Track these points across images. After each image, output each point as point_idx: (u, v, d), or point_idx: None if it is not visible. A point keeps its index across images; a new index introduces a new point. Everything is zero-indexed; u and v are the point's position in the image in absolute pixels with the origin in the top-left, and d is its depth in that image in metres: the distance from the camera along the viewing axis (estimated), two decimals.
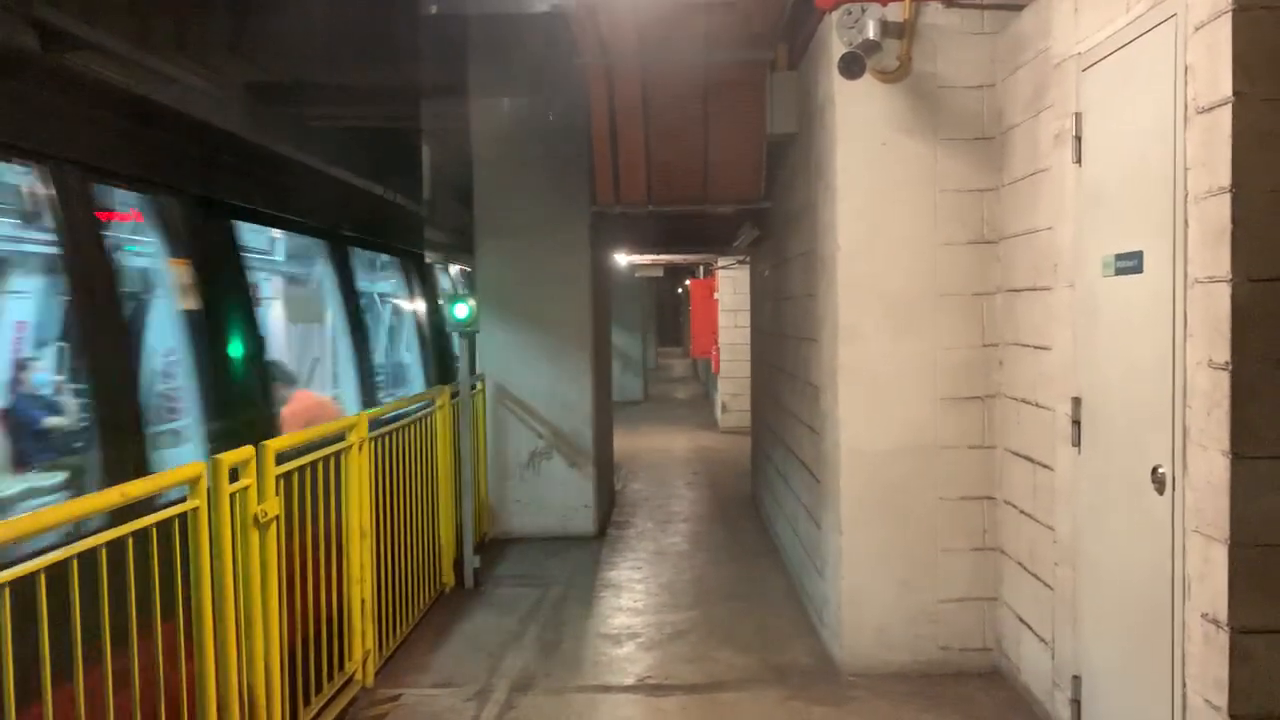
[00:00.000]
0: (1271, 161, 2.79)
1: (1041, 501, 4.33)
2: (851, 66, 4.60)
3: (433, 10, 7.62)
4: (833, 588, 5.12)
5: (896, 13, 4.73)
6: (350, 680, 4.65)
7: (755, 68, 6.43)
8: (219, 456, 3.32)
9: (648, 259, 14.84)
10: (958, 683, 4.80)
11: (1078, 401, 3.91)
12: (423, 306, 9.06)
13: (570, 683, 4.98)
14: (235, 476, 3.41)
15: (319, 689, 4.29)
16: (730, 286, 15.05)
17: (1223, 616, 2.85)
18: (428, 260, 9.40)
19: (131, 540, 2.87)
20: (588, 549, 7.68)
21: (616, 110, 6.86)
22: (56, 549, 2.60)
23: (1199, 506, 2.97)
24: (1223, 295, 2.83)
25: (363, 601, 4.77)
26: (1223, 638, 2.85)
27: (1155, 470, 3.22)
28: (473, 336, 6.88)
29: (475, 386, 7.42)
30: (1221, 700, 2.85)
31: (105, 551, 2.75)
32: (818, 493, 5.59)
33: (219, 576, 3.27)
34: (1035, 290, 4.39)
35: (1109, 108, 3.65)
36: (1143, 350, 3.33)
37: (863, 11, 4.65)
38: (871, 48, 4.63)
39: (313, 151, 7.77)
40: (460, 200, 8.17)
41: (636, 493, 10.21)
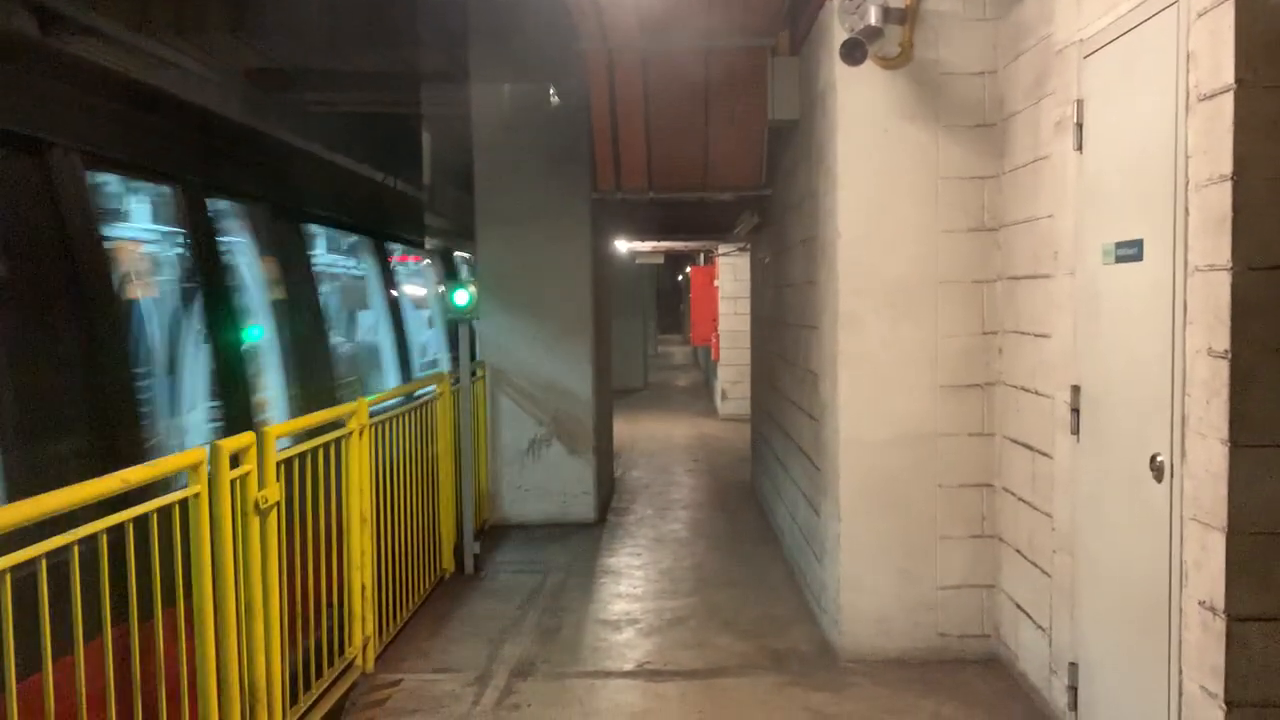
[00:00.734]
0: (1273, 150, 2.78)
1: (1040, 489, 4.33)
2: (853, 53, 4.58)
3: None
4: (831, 574, 5.13)
5: None
6: (350, 665, 4.67)
7: (756, 54, 6.40)
8: (219, 443, 3.32)
9: (648, 246, 14.82)
10: (956, 669, 4.82)
11: (1077, 389, 3.91)
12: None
13: (570, 668, 5.00)
14: (236, 463, 3.42)
15: (319, 674, 4.31)
16: (730, 274, 15.04)
17: (1220, 604, 2.85)
18: (456, 254, 10.18)
19: (132, 526, 2.88)
20: (588, 535, 7.69)
21: (617, 96, 6.84)
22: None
23: (1197, 495, 2.98)
24: (1223, 283, 2.83)
25: (363, 587, 4.78)
26: (1219, 625, 2.86)
27: (1154, 458, 3.22)
28: (473, 323, 6.88)
29: (476, 373, 7.42)
30: (1217, 687, 2.86)
31: (105, 538, 2.76)
32: (817, 480, 5.60)
33: (220, 563, 3.28)
34: (1035, 278, 4.38)
35: (1111, 95, 3.64)
36: (1142, 338, 3.33)
37: None
38: (873, 34, 4.60)
39: (360, 158, 8.78)
40: (467, 189, 8.19)
41: (636, 479, 10.23)
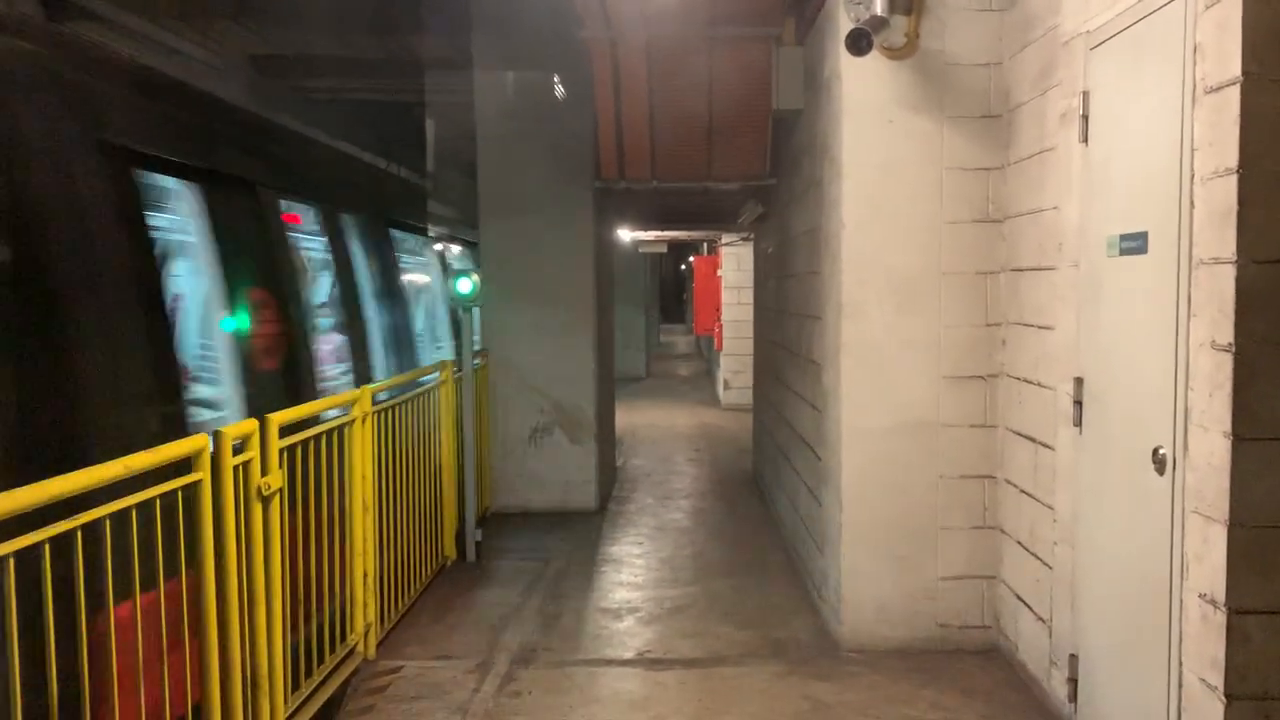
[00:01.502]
0: (1279, 143, 2.77)
1: (1042, 481, 4.33)
2: (859, 43, 4.57)
3: None
4: (832, 564, 5.14)
5: None
6: (352, 652, 4.69)
7: (761, 43, 6.38)
8: (222, 429, 3.32)
9: (651, 235, 14.80)
10: (956, 660, 4.83)
11: (1080, 382, 3.91)
12: None
13: (570, 656, 5.01)
14: (239, 449, 3.43)
15: (321, 661, 4.32)
16: (734, 263, 15.02)
17: (1220, 597, 2.86)
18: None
19: (135, 512, 2.88)
20: (589, 524, 7.71)
21: (621, 85, 6.82)
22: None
23: (1199, 487, 2.98)
24: (1227, 277, 2.83)
25: (365, 574, 4.80)
26: (1220, 618, 2.86)
27: (1156, 451, 3.22)
28: (475, 311, 6.88)
29: (478, 361, 7.43)
30: (1217, 680, 2.87)
31: (109, 523, 2.76)
32: (819, 470, 5.61)
33: (222, 549, 3.29)
34: (1039, 270, 4.38)
35: (1117, 87, 3.62)
36: (1146, 331, 3.33)
37: None
38: (879, 24, 4.59)
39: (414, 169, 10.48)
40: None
41: (638, 468, 10.24)
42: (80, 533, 2.63)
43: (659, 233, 14.45)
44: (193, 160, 4.63)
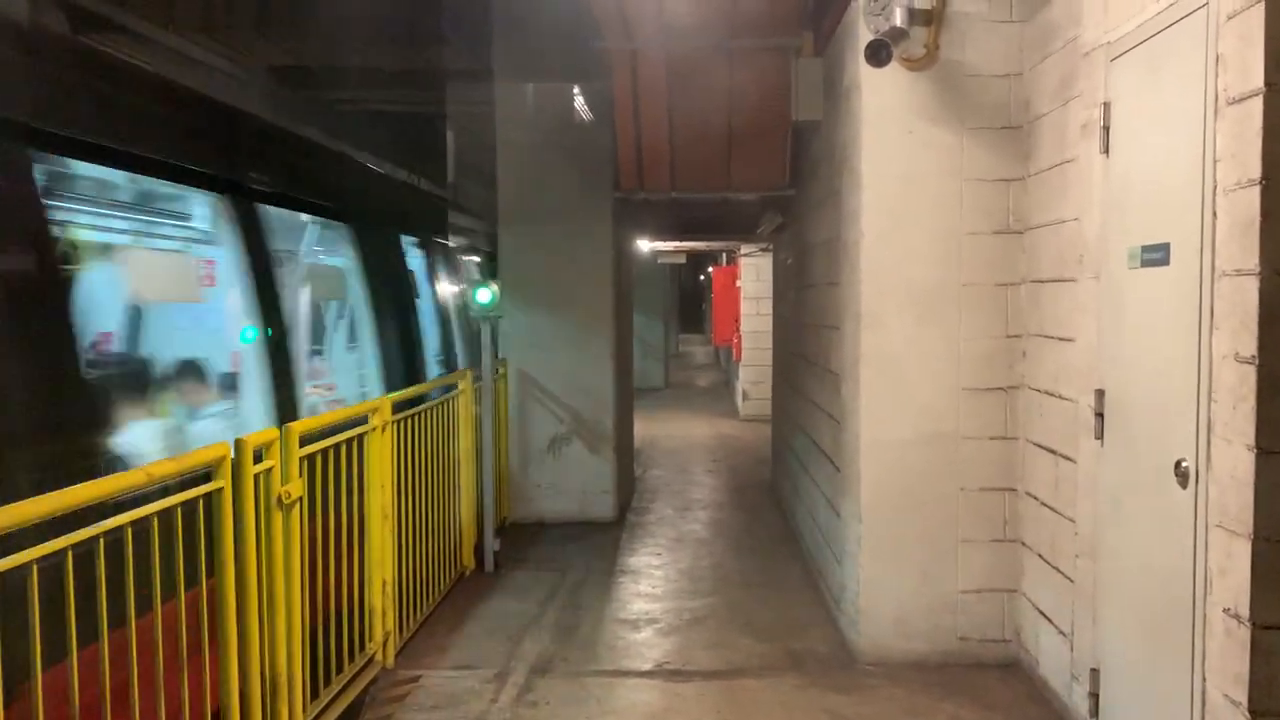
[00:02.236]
0: None
1: (1063, 494, 4.31)
2: (878, 54, 4.57)
3: None
4: (851, 576, 5.12)
5: (924, 0, 4.69)
6: (371, 661, 4.70)
7: (780, 54, 6.39)
8: (243, 438, 3.35)
9: (670, 245, 14.81)
10: (976, 673, 4.79)
11: (1101, 394, 3.88)
12: None
13: (588, 667, 5.01)
14: (259, 458, 3.45)
15: (340, 669, 4.34)
16: (753, 274, 15.01)
17: (1244, 612, 2.83)
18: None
19: (156, 520, 2.91)
20: (607, 534, 7.71)
21: (640, 96, 6.84)
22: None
23: (1222, 501, 2.95)
24: (1250, 288, 2.80)
25: (384, 583, 4.81)
26: (1244, 633, 2.83)
27: (1179, 464, 3.19)
28: (495, 321, 6.91)
29: (498, 371, 7.45)
30: (1241, 696, 2.84)
31: (130, 530, 2.79)
32: (838, 481, 5.59)
33: (242, 557, 3.31)
34: (1060, 281, 4.35)
35: (1138, 98, 3.61)
36: (1168, 343, 3.31)
37: None
38: (898, 35, 4.59)
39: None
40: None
41: (656, 479, 10.23)
42: (103, 540, 2.65)
43: (678, 243, 14.46)
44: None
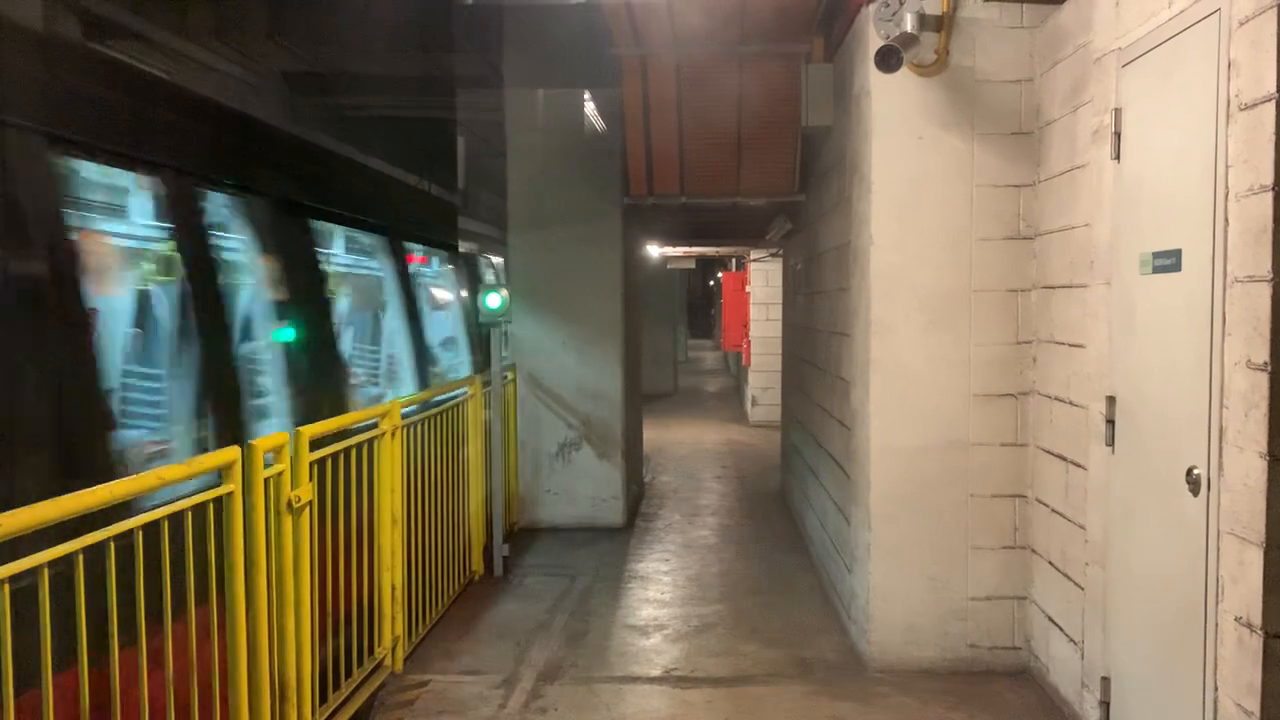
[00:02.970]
0: None
1: (1073, 501, 4.29)
2: (888, 60, 4.56)
3: (468, 0, 7.64)
4: (861, 583, 5.11)
5: (935, 6, 4.69)
6: (379, 665, 4.71)
7: (790, 60, 6.39)
8: (253, 442, 3.36)
9: (680, 251, 14.82)
10: (986, 681, 4.77)
11: (1112, 400, 3.87)
12: None
13: (597, 673, 5.00)
14: (270, 462, 3.46)
15: (349, 674, 4.34)
16: (762, 279, 15.00)
17: (1256, 620, 2.81)
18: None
19: (167, 524, 2.92)
20: (616, 540, 7.70)
21: (650, 102, 6.85)
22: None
23: (1234, 508, 2.94)
24: (1263, 295, 2.79)
25: (393, 588, 4.82)
26: (1256, 642, 2.81)
27: (1190, 471, 3.18)
28: (504, 327, 6.92)
29: (507, 376, 7.46)
30: (1253, 705, 2.82)
31: (140, 534, 2.80)
32: (847, 488, 5.58)
33: (252, 561, 3.32)
34: (1071, 287, 4.34)
35: (1149, 104, 3.60)
36: (1180, 350, 3.29)
37: (900, 4, 4.61)
38: (909, 41, 4.58)
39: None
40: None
41: (665, 485, 10.22)
42: (113, 543, 2.66)
43: (687, 248, 14.46)
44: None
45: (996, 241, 4.83)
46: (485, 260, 10.87)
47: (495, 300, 6.59)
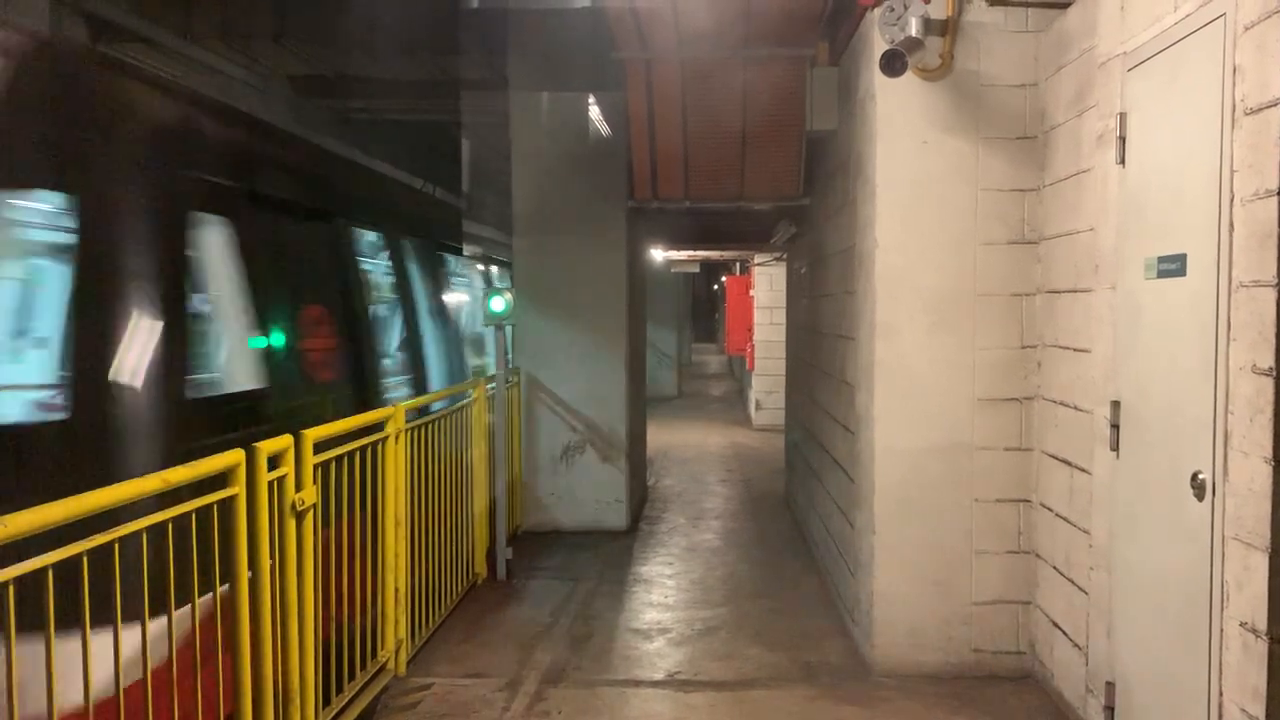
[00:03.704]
0: None
1: (1078, 505, 4.28)
2: (893, 64, 4.57)
3: (474, 4, 7.65)
4: (865, 587, 5.10)
5: (939, 10, 4.69)
6: (383, 668, 4.71)
7: (795, 64, 6.39)
8: (257, 445, 3.36)
9: (684, 254, 14.82)
10: (990, 685, 4.76)
11: (1117, 405, 3.86)
12: None
13: (600, 676, 5.00)
14: (274, 465, 3.46)
15: (352, 676, 4.34)
16: (766, 283, 15.00)
17: (1262, 625, 2.80)
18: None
19: (171, 526, 2.92)
20: (619, 543, 7.70)
21: (655, 105, 6.85)
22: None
23: (1239, 513, 2.93)
24: (1268, 299, 2.79)
25: (396, 591, 4.82)
26: (1261, 647, 2.81)
27: (1195, 476, 3.17)
28: (508, 330, 6.92)
29: (511, 379, 7.46)
30: (1259, 710, 2.81)
31: (146, 536, 2.80)
32: (851, 492, 5.57)
33: (256, 564, 3.32)
34: (1075, 292, 4.34)
35: (1154, 108, 3.60)
36: (1184, 354, 3.29)
37: (905, 8, 4.61)
38: (913, 45, 4.59)
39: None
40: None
41: (669, 488, 10.22)
42: (118, 546, 2.66)
43: (691, 252, 14.46)
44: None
45: (1001, 245, 4.83)
46: (491, 262, 11.08)
47: (499, 303, 6.59)
